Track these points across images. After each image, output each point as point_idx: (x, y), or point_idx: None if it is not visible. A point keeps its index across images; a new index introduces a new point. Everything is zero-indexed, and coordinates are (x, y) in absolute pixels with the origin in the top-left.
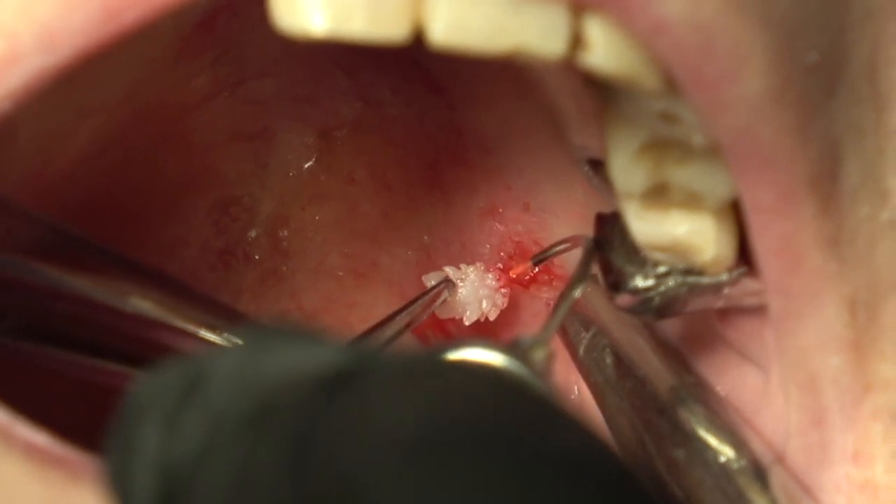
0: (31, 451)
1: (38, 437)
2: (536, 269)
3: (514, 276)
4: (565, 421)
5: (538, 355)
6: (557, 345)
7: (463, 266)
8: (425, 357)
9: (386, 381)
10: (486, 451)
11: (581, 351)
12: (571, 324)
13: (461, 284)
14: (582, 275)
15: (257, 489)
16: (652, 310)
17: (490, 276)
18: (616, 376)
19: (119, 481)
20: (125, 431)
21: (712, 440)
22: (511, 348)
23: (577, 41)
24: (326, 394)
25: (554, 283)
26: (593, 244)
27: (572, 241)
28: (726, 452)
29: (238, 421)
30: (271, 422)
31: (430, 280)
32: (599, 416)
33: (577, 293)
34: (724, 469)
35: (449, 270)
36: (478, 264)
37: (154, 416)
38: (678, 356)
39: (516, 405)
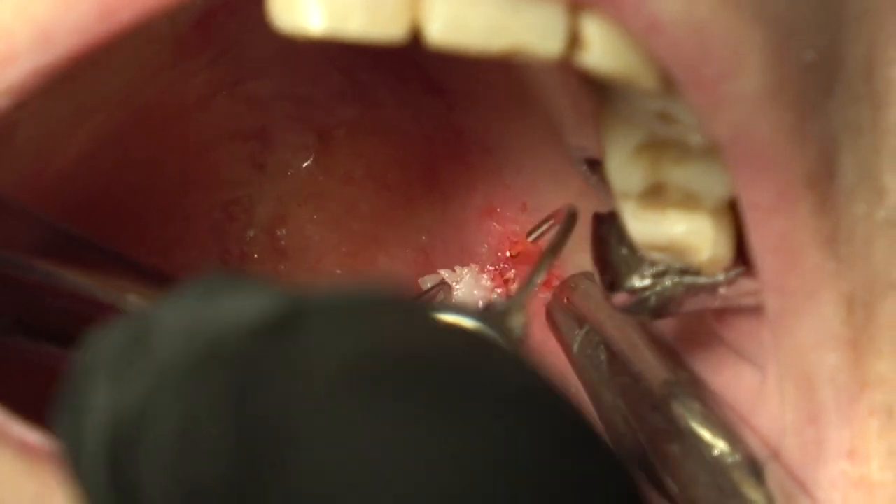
0: (24, 448)
1: (32, 435)
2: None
3: (514, 254)
4: (513, 361)
5: (515, 321)
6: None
7: (458, 268)
8: (364, 296)
9: (323, 321)
10: (419, 382)
11: (575, 348)
12: (565, 321)
13: (457, 286)
14: (559, 241)
15: (201, 439)
16: (648, 309)
17: (485, 277)
18: (610, 373)
19: (70, 440)
20: (74, 392)
21: (706, 435)
22: (484, 312)
23: (574, 41)
24: (264, 339)
25: (553, 283)
26: (573, 212)
27: (557, 215)
28: (721, 447)
29: (181, 372)
30: (212, 372)
31: (427, 283)
32: (594, 413)
33: (552, 260)
34: (719, 463)
35: (444, 273)
36: (472, 266)
37: (101, 373)
38: (672, 353)
39: (456, 340)
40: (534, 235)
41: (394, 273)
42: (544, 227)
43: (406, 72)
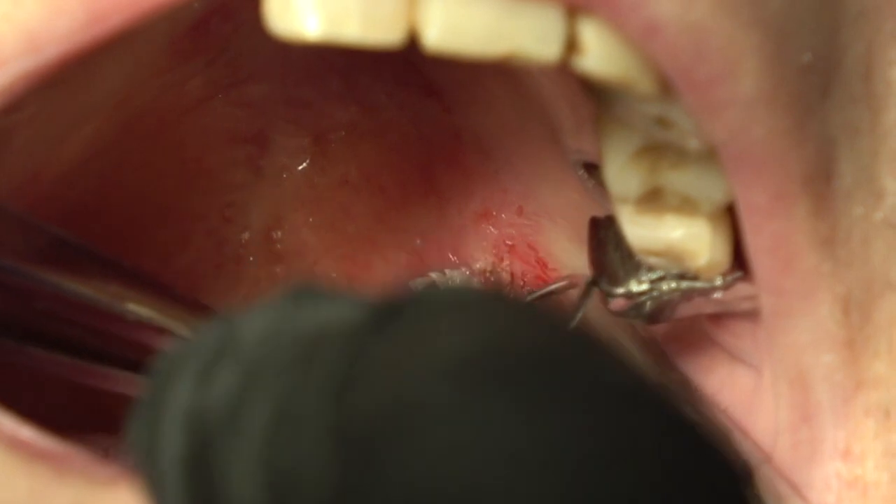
0: (15, 444)
1: (23, 431)
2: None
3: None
4: (620, 359)
5: None
6: None
7: (448, 271)
8: (474, 291)
9: (434, 312)
10: (535, 377)
11: None
12: None
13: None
14: (577, 310)
15: (300, 426)
16: (644, 314)
17: (475, 280)
18: None
19: (145, 440)
20: (154, 392)
21: None
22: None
23: (571, 45)
24: (367, 335)
25: (546, 278)
26: (591, 285)
27: (570, 281)
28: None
29: (276, 367)
30: (310, 365)
31: (418, 286)
32: None
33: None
34: None
35: (435, 276)
36: (463, 269)
37: (185, 373)
38: (663, 356)
39: (568, 337)
40: (540, 292)
41: (389, 276)
42: (553, 286)
43: (403, 75)
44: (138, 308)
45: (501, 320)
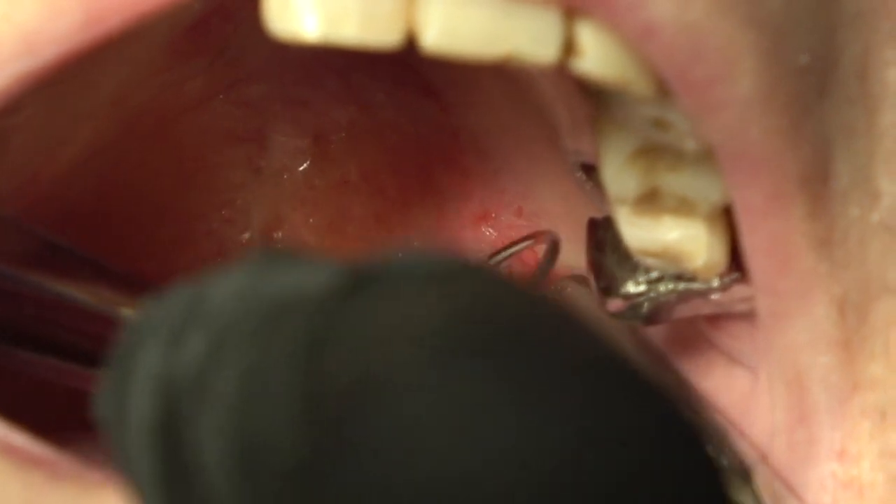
0: (8, 451)
1: (16, 437)
2: None
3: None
4: (599, 334)
5: None
6: None
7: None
8: (446, 261)
9: (405, 281)
10: (519, 349)
11: None
12: None
13: None
14: (543, 272)
15: (268, 391)
16: (641, 316)
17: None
18: None
19: (113, 407)
20: (121, 359)
21: None
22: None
23: (569, 47)
24: (337, 300)
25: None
26: (555, 241)
27: (536, 238)
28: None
29: (244, 330)
30: (283, 326)
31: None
32: None
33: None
34: None
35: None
36: None
37: (153, 339)
38: (659, 357)
39: (547, 310)
40: (504, 254)
41: None
42: (514, 248)
43: (403, 76)
44: (132, 313)
45: (477, 290)
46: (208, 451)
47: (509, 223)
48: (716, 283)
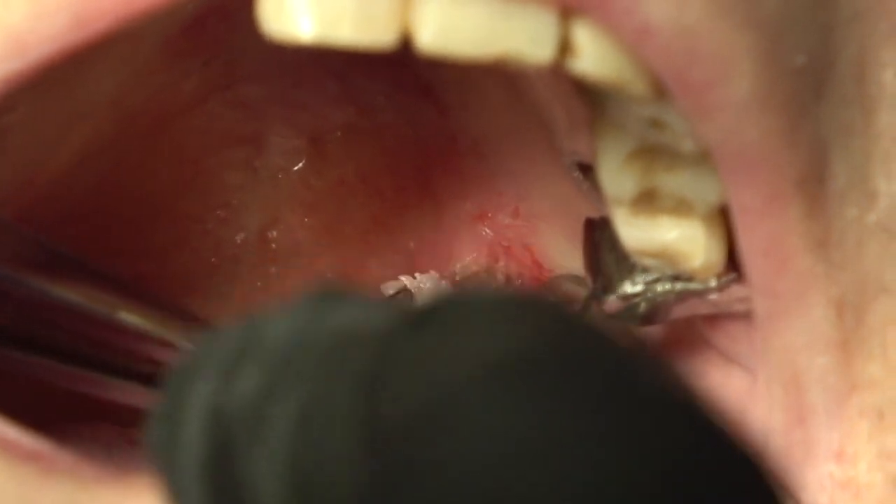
0: (3, 446)
1: (10, 431)
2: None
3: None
4: (660, 367)
5: None
6: None
7: (419, 275)
8: (509, 294)
9: (467, 315)
10: (580, 383)
11: None
12: None
13: (418, 293)
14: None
15: (329, 419)
16: (638, 316)
17: (444, 284)
18: None
19: (164, 441)
20: (174, 391)
21: None
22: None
23: (565, 47)
24: (405, 331)
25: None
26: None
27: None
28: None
29: (306, 364)
30: (345, 360)
31: (389, 289)
32: None
33: None
34: None
35: (405, 279)
36: (432, 272)
37: (206, 373)
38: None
39: (610, 343)
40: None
41: (384, 278)
42: None
43: (400, 77)
44: (129, 316)
45: (536, 324)
46: (262, 483)
47: (506, 224)
48: (713, 283)
